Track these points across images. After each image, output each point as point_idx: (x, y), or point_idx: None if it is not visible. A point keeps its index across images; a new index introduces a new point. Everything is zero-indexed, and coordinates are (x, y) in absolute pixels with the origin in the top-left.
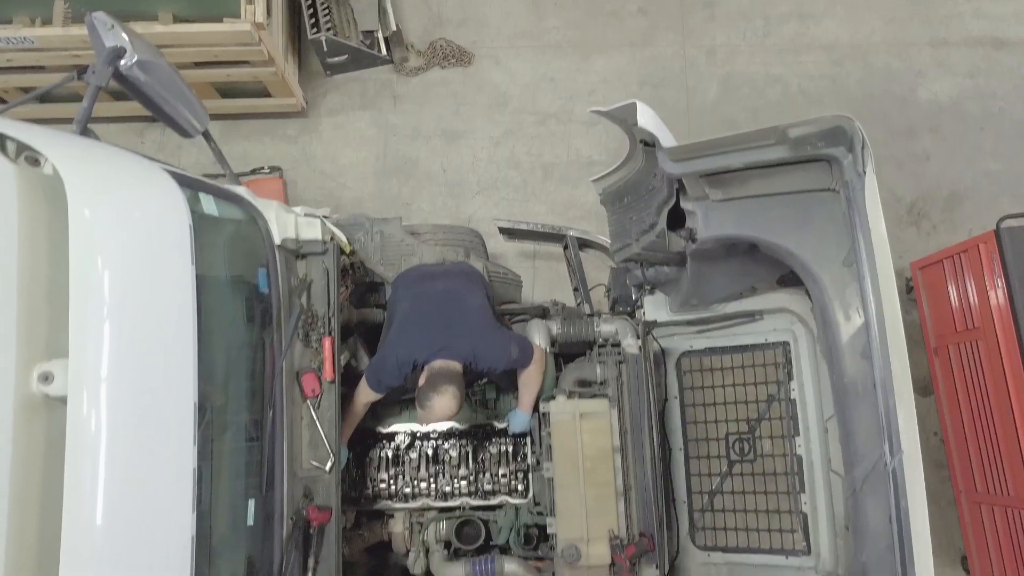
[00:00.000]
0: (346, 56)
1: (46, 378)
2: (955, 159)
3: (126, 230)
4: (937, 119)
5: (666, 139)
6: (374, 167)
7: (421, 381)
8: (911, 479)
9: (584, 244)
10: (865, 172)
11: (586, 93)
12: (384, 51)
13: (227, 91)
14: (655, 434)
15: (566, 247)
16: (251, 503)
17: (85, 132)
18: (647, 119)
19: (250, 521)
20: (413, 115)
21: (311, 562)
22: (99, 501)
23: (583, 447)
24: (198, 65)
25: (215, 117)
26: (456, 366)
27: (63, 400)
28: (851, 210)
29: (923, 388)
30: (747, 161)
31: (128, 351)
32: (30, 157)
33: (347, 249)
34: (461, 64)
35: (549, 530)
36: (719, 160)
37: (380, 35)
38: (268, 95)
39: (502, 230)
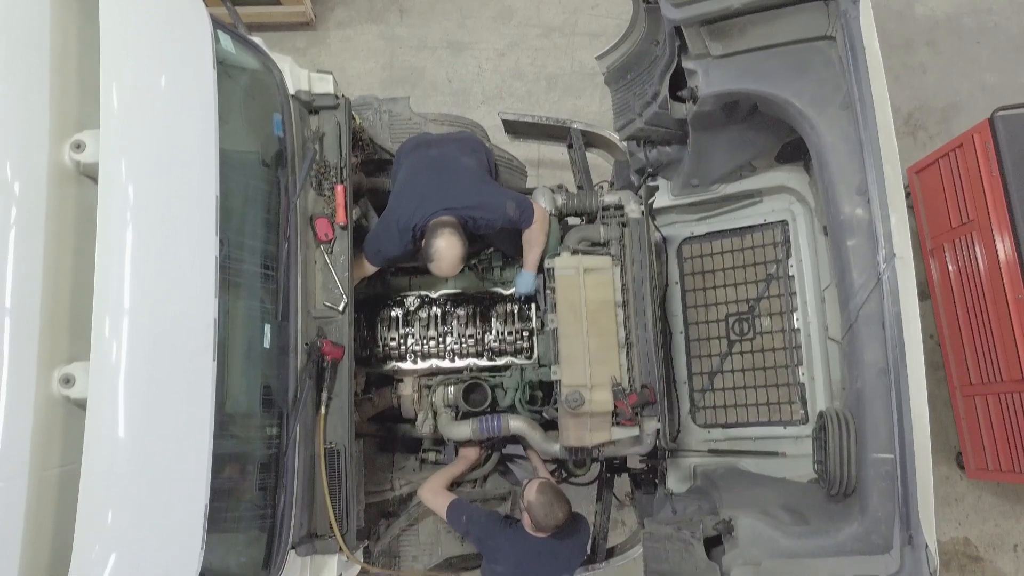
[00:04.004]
0: None
1: (78, 146)
2: (951, 72)
3: (153, 20)
4: (933, 33)
5: None
6: (381, 77)
7: (424, 241)
8: (903, 279)
9: (588, 143)
10: None
11: (589, 7)
12: None
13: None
14: (655, 294)
15: (570, 146)
16: (267, 328)
17: None
18: None
19: (266, 344)
20: (419, 28)
21: (324, 396)
22: (127, 268)
23: (586, 300)
24: None
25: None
26: (451, 219)
27: (93, 175)
28: (847, 38)
29: (920, 293)
30: (747, 0)
31: (155, 121)
32: None
33: (357, 120)
34: None
35: (553, 378)
36: (719, 1)
37: None
38: (278, 3)
39: (506, 123)
